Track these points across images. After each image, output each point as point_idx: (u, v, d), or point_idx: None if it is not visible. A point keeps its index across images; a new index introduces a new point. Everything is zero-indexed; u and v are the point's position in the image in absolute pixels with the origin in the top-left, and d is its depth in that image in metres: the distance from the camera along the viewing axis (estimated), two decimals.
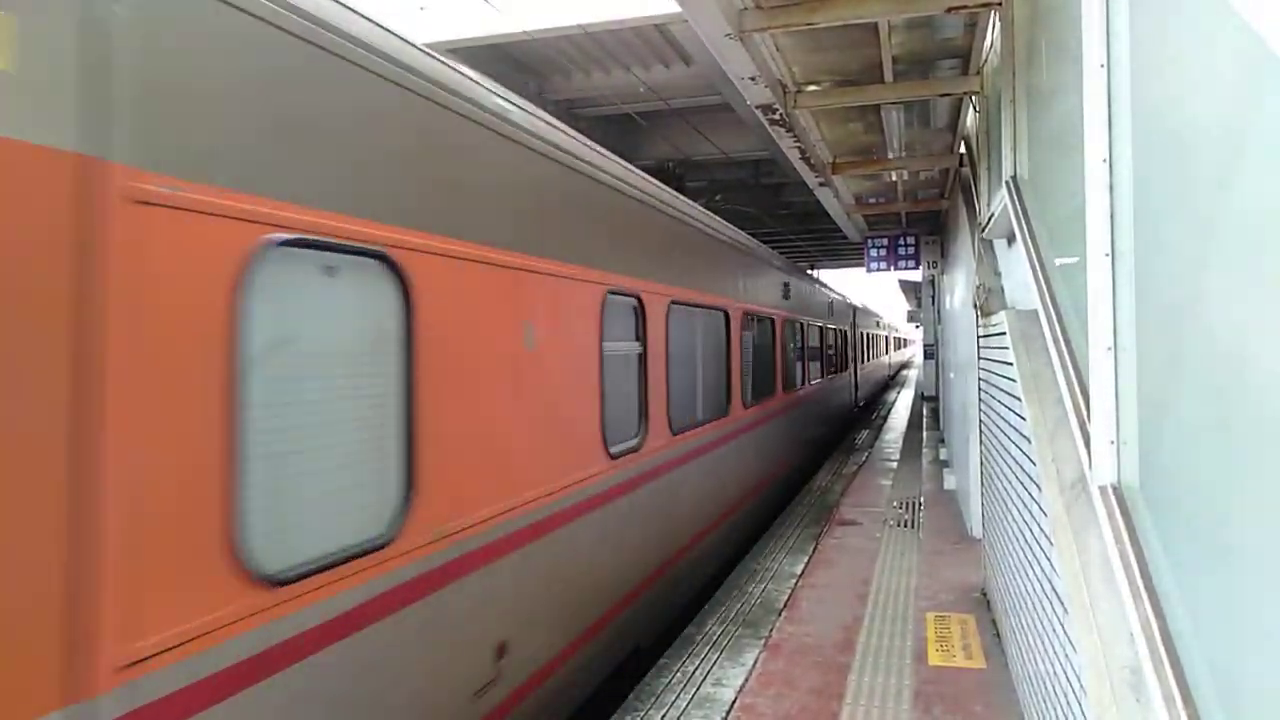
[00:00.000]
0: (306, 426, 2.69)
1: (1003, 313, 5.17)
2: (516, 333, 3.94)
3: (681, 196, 7.29)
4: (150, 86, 2.14)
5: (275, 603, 2.46)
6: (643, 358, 5.78)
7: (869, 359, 27.62)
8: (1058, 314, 3.86)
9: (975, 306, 7.04)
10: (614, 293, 5.17)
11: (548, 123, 4.50)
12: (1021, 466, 4.39)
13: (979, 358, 6.92)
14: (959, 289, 11.36)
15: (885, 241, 17.29)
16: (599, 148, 5.32)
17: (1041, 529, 3.69)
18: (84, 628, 1.92)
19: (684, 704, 4.78)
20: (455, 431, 3.40)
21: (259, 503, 2.44)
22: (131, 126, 2.08)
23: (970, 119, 9.32)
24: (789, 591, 6.89)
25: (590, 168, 4.95)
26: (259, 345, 2.47)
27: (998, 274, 7.11)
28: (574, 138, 4.89)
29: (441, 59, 3.55)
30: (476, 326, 3.60)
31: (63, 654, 1.88)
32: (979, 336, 6.92)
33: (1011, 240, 6.18)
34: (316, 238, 2.66)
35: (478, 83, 3.82)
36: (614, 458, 5.07)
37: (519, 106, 4.19)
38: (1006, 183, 5.71)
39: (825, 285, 16.97)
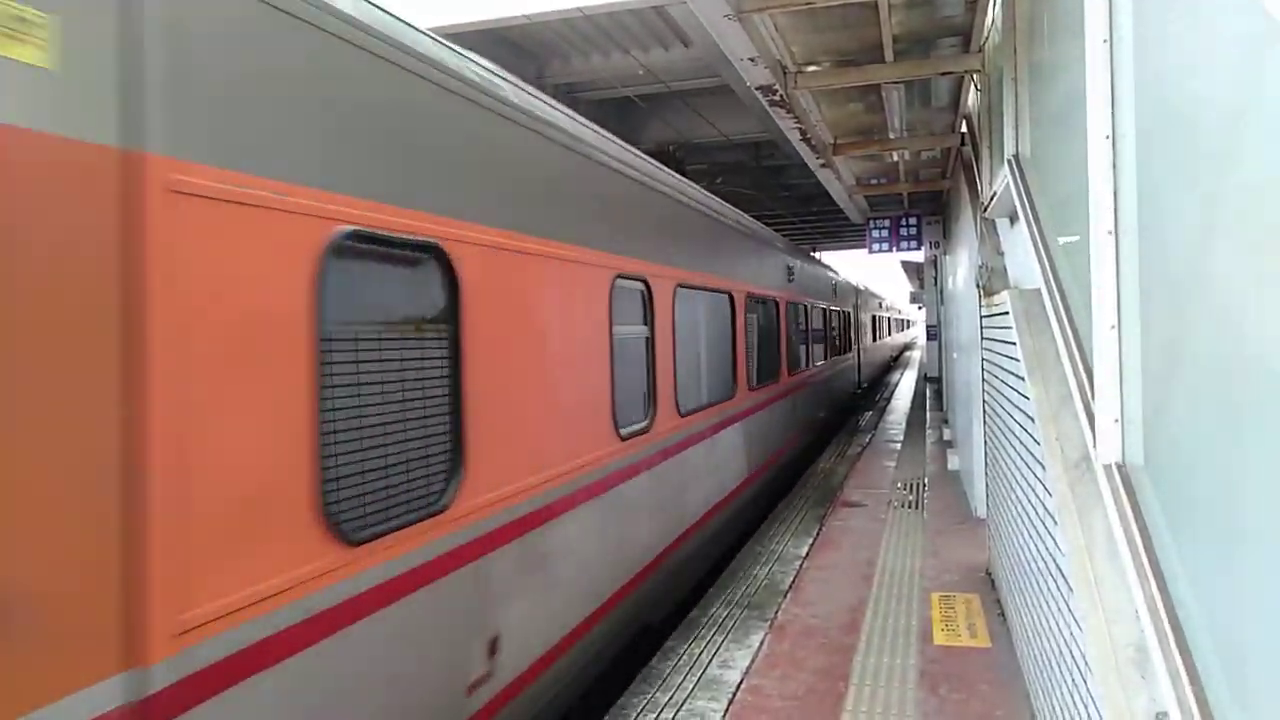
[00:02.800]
0: None
1: (1006, 292, 5.14)
2: None
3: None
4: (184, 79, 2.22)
5: None
6: None
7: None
8: (1061, 293, 3.84)
9: (978, 286, 7.01)
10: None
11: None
12: (1026, 446, 4.38)
13: (982, 337, 6.90)
14: (962, 269, 11.31)
15: (887, 222, 17.18)
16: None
17: (1046, 508, 3.69)
18: None
19: (690, 686, 4.81)
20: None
21: None
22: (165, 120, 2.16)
23: (972, 97, 9.25)
24: (794, 573, 6.91)
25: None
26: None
27: (1000, 253, 7.07)
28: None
29: None
30: None
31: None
32: (982, 316, 6.89)
33: (1014, 219, 6.14)
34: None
35: None
36: None
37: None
38: (1008, 161, 5.67)
39: None
